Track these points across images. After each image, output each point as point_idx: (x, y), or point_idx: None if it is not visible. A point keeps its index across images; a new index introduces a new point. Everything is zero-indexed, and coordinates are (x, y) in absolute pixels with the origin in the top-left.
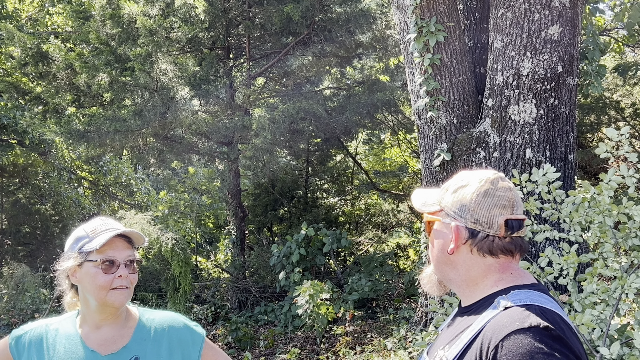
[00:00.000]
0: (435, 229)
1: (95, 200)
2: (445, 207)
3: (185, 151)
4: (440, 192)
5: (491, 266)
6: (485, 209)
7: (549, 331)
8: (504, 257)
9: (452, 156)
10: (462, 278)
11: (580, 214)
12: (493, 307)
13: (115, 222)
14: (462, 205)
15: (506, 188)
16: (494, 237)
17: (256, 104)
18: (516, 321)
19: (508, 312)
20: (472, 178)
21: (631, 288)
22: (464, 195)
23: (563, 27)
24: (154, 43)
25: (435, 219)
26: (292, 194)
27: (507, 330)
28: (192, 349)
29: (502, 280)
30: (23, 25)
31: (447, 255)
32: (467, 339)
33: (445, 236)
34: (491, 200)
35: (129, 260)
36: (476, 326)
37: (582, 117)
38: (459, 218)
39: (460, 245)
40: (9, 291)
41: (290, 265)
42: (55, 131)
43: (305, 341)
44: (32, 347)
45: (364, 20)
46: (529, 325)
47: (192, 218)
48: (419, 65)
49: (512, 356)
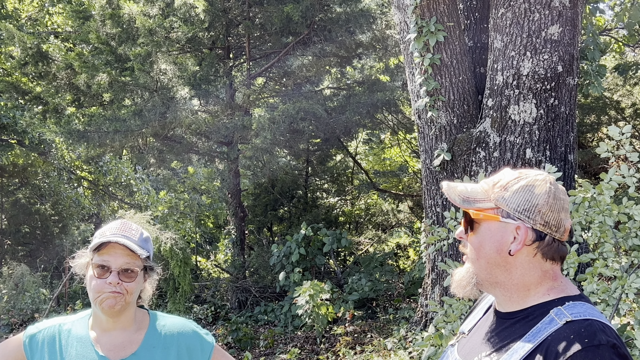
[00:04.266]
0: (488, 228)
1: (95, 200)
2: (507, 206)
3: (185, 151)
4: (489, 188)
5: (547, 272)
6: (555, 211)
7: (616, 349)
8: (558, 264)
9: (452, 156)
10: (515, 282)
11: (580, 214)
12: (551, 319)
13: (135, 227)
14: (531, 205)
15: (564, 191)
16: (559, 242)
17: (256, 104)
18: (584, 338)
19: (572, 327)
20: (533, 177)
21: (631, 288)
22: (534, 196)
23: (563, 27)
24: (154, 43)
25: (490, 217)
26: (292, 194)
27: (577, 347)
28: (200, 357)
29: (554, 289)
30: (23, 25)
31: (505, 257)
32: (523, 350)
33: (505, 237)
34: (559, 204)
35: (125, 269)
36: (534, 338)
37: (582, 117)
38: (526, 219)
39: (524, 247)
40: (8, 291)
41: (290, 265)
42: (55, 131)
43: (305, 341)
44: (44, 347)
45: (364, 20)
46: (599, 343)
47: (192, 218)
48: (419, 65)
49: None
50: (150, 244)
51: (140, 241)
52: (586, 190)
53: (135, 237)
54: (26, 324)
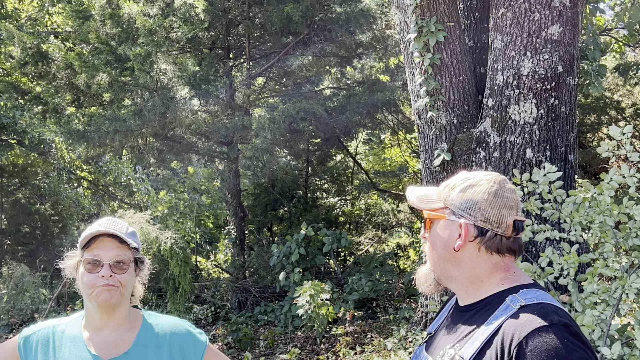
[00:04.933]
0: (438, 226)
1: (94, 200)
2: (452, 205)
3: (185, 151)
4: (441, 190)
5: (497, 264)
6: (496, 208)
7: (568, 328)
8: (508, 256)
9: (452, 156)
10: (467, 276)
11: (580, 214)
12: (507, 306)
13: (120, 222)
14: (472, 203)
15: (512, 190)
16: (502, 236)
17: (256, 104)
18: (537, 319)
19: (526, 311)
20: (480, 178)
21: (632, 288)
22: (474, 194)
23: (563, 27)
24: (154, 43)
25: (438, 216)
26: (292, 194)
27: (530, 328)
28: (193, 356)
29: (507, 279)
30: (23, 25)
31: (452, 252)
32: (483, 337)
33: (450, 233)
34: (501, 201)
35: (116, 261)
36: (492, 325)
37: (582, 117)
38: (468, 216)
39: (467, 243)
40: (8, 291)
41: (290, 265)
42: (54, 131)
43: (305, 341)
44: (38, 349)
45: (364, 20)
46: (551, 323)
47: (192, 218)
48: (419, 65)
49: (539, 352)
50: (137, 239)
51: (127, 234)
52: (586, 190)
53: (122, 230)
54: (26, 324)
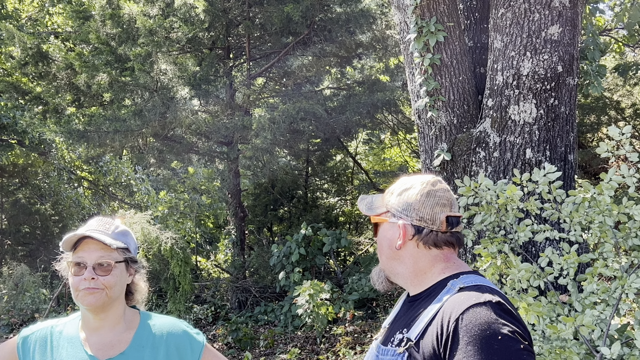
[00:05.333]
0: (383, 229)
1: (95, 201)
2: (392, 208)
3: (185, 151)
4: (385, 196)
5: (437, 257)
6: (429, 207)
7: (500, 305)
8: (447, 248)
9: (452, 156)
10: (410, 270)
11: (580, 214)
12: (448, 289)
13: (110, 221)
14: (407, 205)
15: (445, 189)
16: (437, 231)
17: (256, 104)
18: (473, 297)
19: (464, 292)
20: (414, 181)
21: (631, 288)
22: (409, 196)
23: (563, 27)
24: (154, 43)
25: (382, 220)
26: (292, 194)
27: (466, 305)
28: (190, 356)
29: (448, 268)
30: (23, 25)
31: (395, 251)
32: (427, 317)
33: (393, 234)
34: (433, 200)
35: (99, 263)
36: (435, 306)
37: (582, 117)
38: (405, 217)
39: (407, 241)
40: (8, 291)
41: (290, 265)
42: (55, 131)
43: (305, 341)
44: (36, 349)
45: (364, 20)
46: (485, 300)
47: (192, 218)
48: (419, 65)
49: (472, 326)
50: (129, 238)
51: (114, 234)
52: (586, 190)
53: (109, 230)
54: (26, 324)
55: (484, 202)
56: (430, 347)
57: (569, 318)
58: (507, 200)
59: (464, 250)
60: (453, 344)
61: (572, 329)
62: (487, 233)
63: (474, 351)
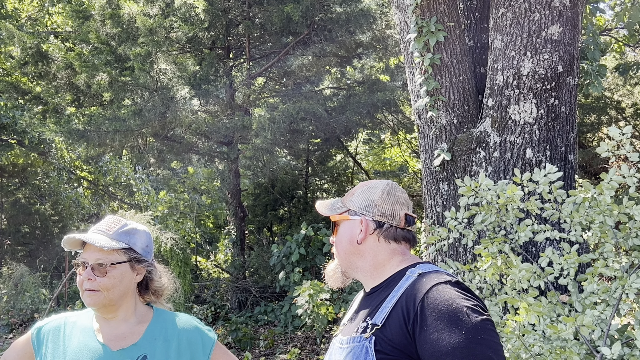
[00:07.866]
0: (343, 227)
1: (94, 200)
2: (353, 207)
3: (185, 151)
4: (344, 197)
5: (395, 250)
6: (390, 204)
7: (459, 284)
8: (404, 244)
9: (452, 156)
10: (370, 263)
11: (580, 214)
12: (407, 277)
13: (115, 221)
14: (370, 202)
15: (402, 191)
16: (396, 227)
17: (256, 104)
18: (434, 279)
19: (424, 276)
20: (375, 183)
21: (632, 288)
22: (372, 195)
23: (563, 27)
24: (154, 43)
25: (343, 218)
26: (292, 194)
27: (429, 285)
28: (201, 352)
29: (405, 261)
30: (23, 25)
31: (356, 246)
32: (391, 303)
33: (353, 230)
34: (394, 198)
35: (98, 264)
36: (397, 292)
37: (582, 117)
38: (367, 213)
39: (368, 236)
40: (8, 291)
41: (290, 265)
42: (54, 131)
43: (305, 341)
44: (49, 338)
45: (364, 20)
46: (445, 280)
47: (192, 218)
48: (419, 65)
49: (438, 302)
50: (135, 237)
51: (116, 234)
52: (586, 190)
53: (111, 230)
54: (26, 324)
55: (484, 202)
56: (397, 329)
57: (570, 318)
58: (507, 200)
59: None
60: (422, 321)
61: (573, 329)
62: (488, 233)
63: (443, 324)
